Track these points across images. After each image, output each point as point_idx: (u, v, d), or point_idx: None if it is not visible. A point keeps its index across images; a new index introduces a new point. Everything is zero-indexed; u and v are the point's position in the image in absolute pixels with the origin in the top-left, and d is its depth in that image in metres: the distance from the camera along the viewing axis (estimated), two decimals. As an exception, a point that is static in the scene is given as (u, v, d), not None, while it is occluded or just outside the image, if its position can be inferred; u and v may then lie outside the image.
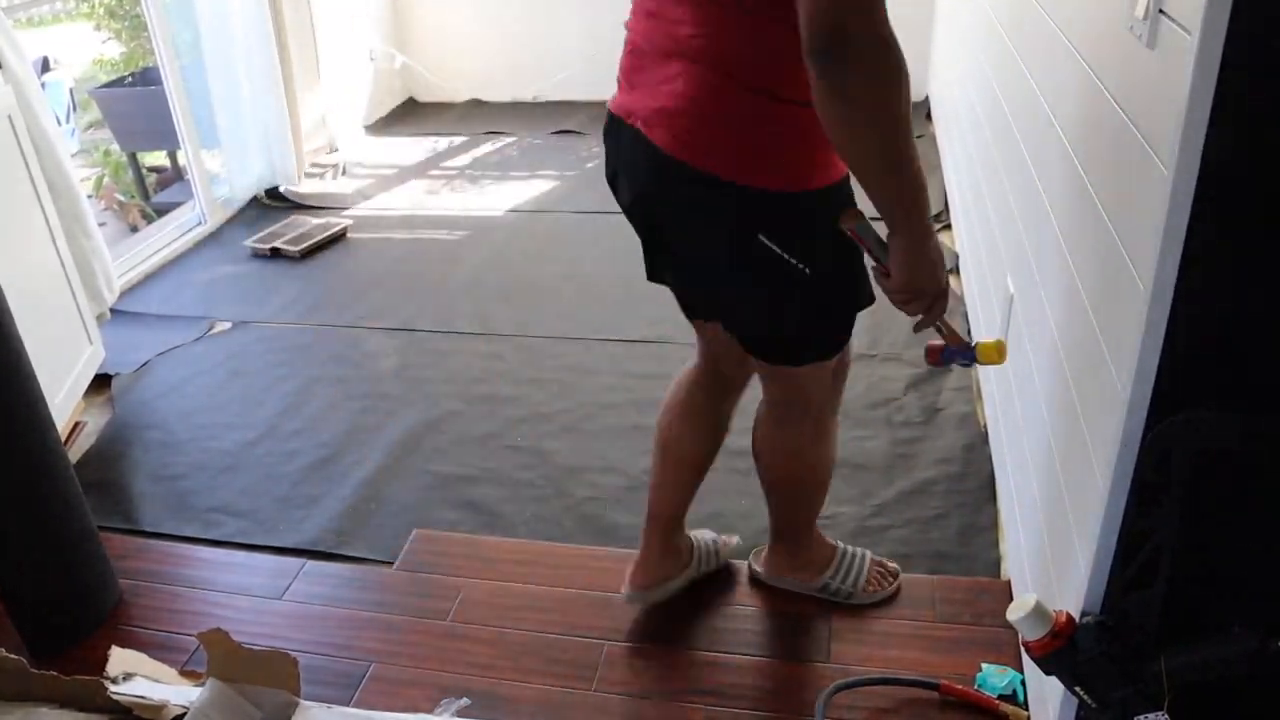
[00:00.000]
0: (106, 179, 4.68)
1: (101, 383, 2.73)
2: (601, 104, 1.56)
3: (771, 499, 1.84)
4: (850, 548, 1.93)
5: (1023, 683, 1.67)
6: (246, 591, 2.00)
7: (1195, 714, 1.19)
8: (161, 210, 4.15)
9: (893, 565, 1.93)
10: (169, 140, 4.00)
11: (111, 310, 2.93)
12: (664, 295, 1.65)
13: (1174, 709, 1.13)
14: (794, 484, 1.80)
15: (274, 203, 4.02)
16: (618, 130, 1.45)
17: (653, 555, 1.85)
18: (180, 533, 2.16)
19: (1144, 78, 1.17)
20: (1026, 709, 1.63)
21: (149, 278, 3.41)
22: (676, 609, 1.89)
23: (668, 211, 1.44)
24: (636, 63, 1.42)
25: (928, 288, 1.29)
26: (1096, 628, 1.19)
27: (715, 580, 1.95)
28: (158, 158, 4.82)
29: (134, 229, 4.30)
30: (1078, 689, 1.20)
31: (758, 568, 1.94)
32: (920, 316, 1.35)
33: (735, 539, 2.02)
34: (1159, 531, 1.14)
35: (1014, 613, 1.21)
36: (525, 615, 1.90)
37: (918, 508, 2.13)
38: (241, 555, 2.10)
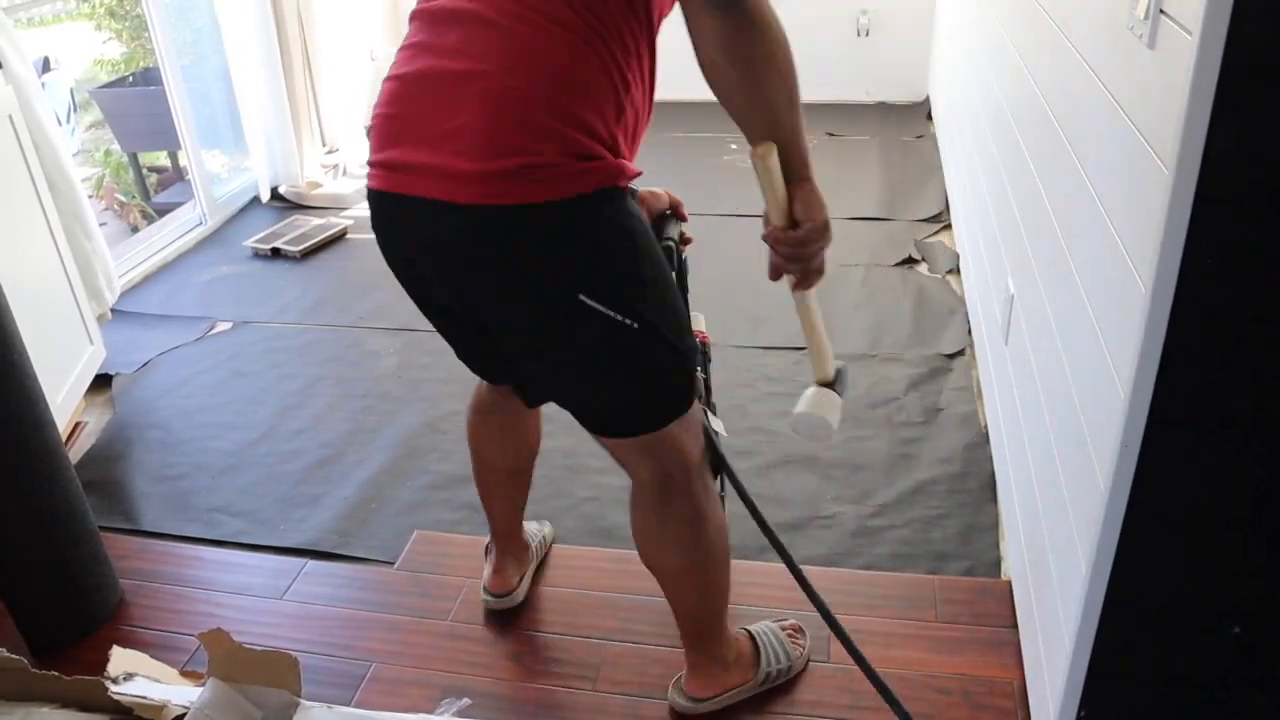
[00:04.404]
0: (107, 179, 4.68)
1: (102, 383, 2.73)
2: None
3: (675, 605, 1.59)
4: (755, 628, 1.74)
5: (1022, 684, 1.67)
6: (247, 591, 2.00)
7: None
8: (162, 210, 4.15)
9: (791, 622, 1.79)
10: (169, 140, 4.00)
11: (112, 310, 2.93)
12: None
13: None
14: (693, 574, 1.54)
15: (274, 203, 4.03)
16: (397, 207, 1.27)
17: (505, 564, 1.91)
18: (181, 533, 2.16)
19: (1145, 77, 1.17)
20: (1027, 709, 1.63)
21: (150, 278, 3.41)
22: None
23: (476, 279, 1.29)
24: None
25: (827, 233, 1.26)
26: None
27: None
28: (158, 158, 4.82)
29: (134, 229, 4.30)
30: None
31: (687, 702, 1.64)
32: (808, 271, 1.31)
33: (548, 526, 2.09)
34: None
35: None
36: (526, 615, 1.90)
37: (919, 508, 2.13)
38: (242, 555, 2.10)
